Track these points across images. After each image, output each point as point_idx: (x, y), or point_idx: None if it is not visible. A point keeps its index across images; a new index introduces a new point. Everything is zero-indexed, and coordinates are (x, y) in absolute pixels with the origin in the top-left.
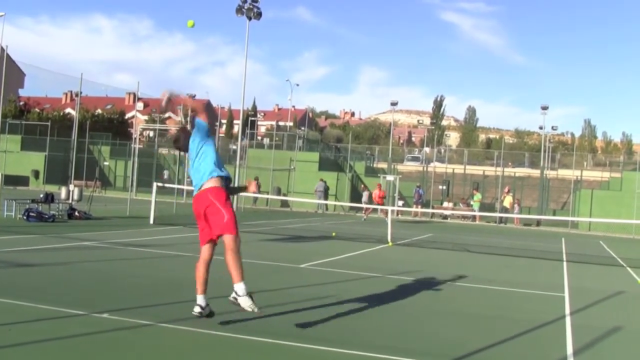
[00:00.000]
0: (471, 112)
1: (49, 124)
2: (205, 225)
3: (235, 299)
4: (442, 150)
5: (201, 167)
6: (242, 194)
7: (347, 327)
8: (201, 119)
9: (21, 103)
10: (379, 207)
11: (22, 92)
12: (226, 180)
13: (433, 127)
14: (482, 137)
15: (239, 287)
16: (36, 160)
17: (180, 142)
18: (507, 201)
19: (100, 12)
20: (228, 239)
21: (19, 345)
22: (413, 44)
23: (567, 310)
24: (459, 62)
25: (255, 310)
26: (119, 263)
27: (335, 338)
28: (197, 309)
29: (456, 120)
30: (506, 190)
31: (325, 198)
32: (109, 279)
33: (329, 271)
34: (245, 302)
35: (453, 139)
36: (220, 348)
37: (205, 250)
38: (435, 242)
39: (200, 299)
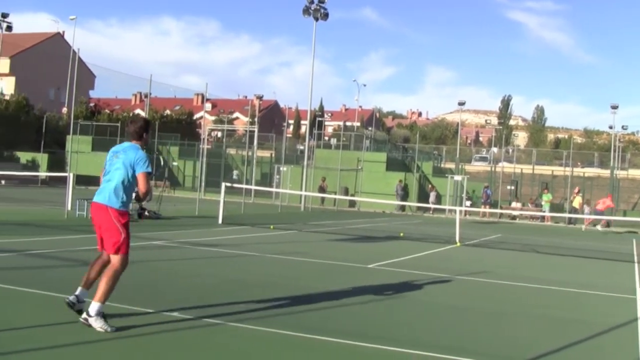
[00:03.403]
0: (539, 111)
1: (119, 124)
2: None
3: (86, 319)
4: (510, 150)
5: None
6: (310, 194)
7: (414, 328)
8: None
9: (92, 104)
10: (602, 217)
11: (93, 94)
12: None
13: (501, 127)
14: (551, 136)
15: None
16: None
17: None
18: (577, 202)
19: (168, 15)
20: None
21: (89, 343)
22: (479, 44)
23: (639, 313)
24: (526, 61)
25: (108, 330)
26: (188, 262)
27: (402, 338)
28: (71, 298)
29: (524, 120)
30: (576, 190)
31: (405, 199)
32: (179, 278)
33: (397, 271)
34: (96, 323)
35: (521, 138)
36: (289, 347)
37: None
38: (503, 242)
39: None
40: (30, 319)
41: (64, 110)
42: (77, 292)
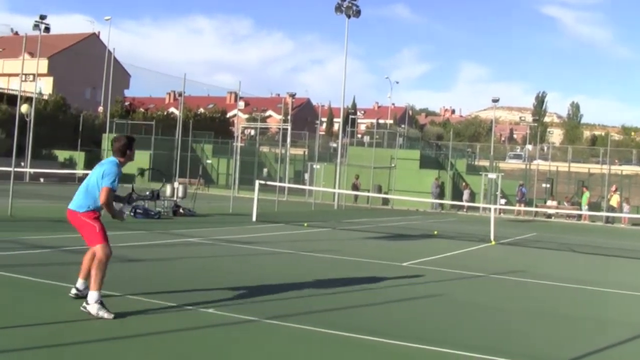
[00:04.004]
0: (575, 108)
1: (153, 123)
2: None
3: (85, 307)
4: (545, 148)
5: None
6: (342, 191)
7: (450, 327)
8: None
9: (127, 103)
10: None
11: (128, 93)
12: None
13: (535, 124)
14: (587, 133)
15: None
16: (141, 158)
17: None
18: (615, 200)
19: (201, 13)
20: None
21: (127, 338)
22: (513, 39)
23: None
24: (561, 56)
25: (105, 316)
26: (223, 259)
27: (438, 337)
28: (73, 291)
29: (559, 117)
30: (613, 188)
31: (442, 197)
32: (214, 275)
33: (431, 270)
34: (93, 309)
35: (556, 135)
36: (324, 344)
37: None
38: (539, 241)
39: (80, 283)
40: (63, 314)
41: (100, 109)
42: (77, 284)
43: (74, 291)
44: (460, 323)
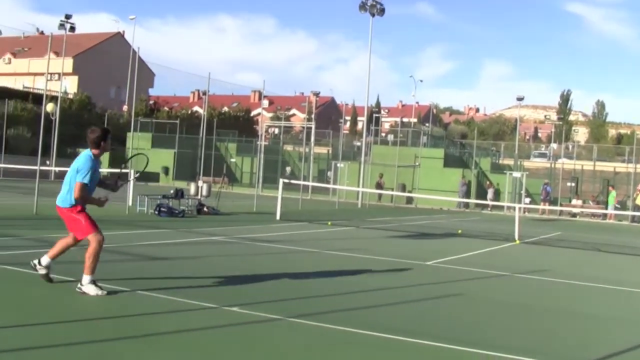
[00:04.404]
0: (600, 106)
1: (177, 122)
2: None
3: (80, 288)
4: (570, 146)
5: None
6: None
7: (474, 326)
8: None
9: (151, 102)
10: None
11: (152, 92)
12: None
13: (560, 123)
14: (612, 132)
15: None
16: (166, 157)
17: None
18: None
19: (225, 12)
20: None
21: (151, 335)
22: (538, 37)
23: None
24: (587, 54)
25: (99, 293)
26: (247, 258)
27: (462, 336)
28: (36, 262)
29: (584, 115)
30: (639, 187)
31: (469, 196)
32: (238, 273)
33: (455, 269)
34: (88, 289)
35: (581, 134)
36: (348, 343)
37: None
38: (563, 240)
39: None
40: (93, 311)
41: (125, 108)
42: (42, 258)
43: (43, 271)
44: (486, 322)
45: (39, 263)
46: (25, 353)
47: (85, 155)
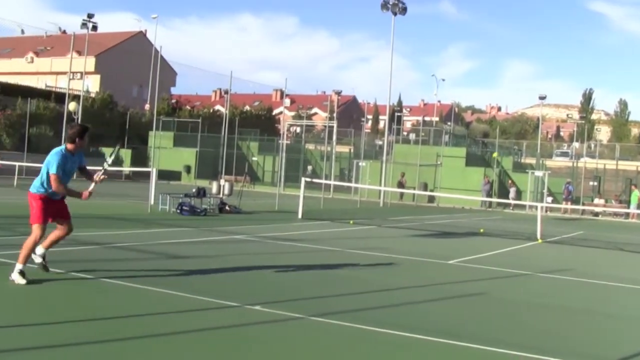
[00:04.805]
0: (622, 105)
1: (199, 120)
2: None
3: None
4: (593, 145)
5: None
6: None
7: (497, 325)
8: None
9: (173, 101)
10: None
11: (174, 91)
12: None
13: (582, 121)
14: (635, 131)
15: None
16: (188, 155)
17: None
18: None
19: (247, 11)
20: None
21: (174, 334)
22: (560, 36)
23: None
24: (609, 53)
25: (22, 282)
26: (269, 256)
27: (485, 336)
28: (39, 260)
29: (607, 114)
30: None
31: (491, 195)
32: (260, 272)
33: (477, 268)
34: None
35: (604, 133)
36: (368, 342)
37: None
38: (586, 239)
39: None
40: (115, 310)
41: (147, 106)
42: (37, 252)
43: (39, 260)
44: (510, 322)
45: (34, 252)
46: (51, 351)
47: (55, 152)
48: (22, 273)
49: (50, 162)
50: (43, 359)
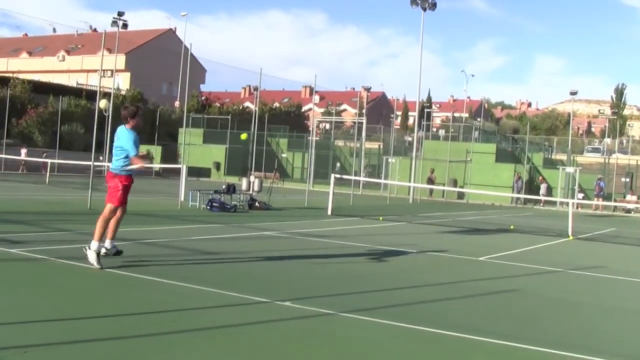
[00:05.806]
0: None
1: (229, 117)
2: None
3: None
4: (625, 141)
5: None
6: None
7: (530, 323)
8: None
9: (203, 98)
10: None
11: (203, 88)
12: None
13: (614, 117)
14: None
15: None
16: (217, 152)
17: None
18: None
19: (276, 8)
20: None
21: (205, 330)
22: (591, 31)
23: None
24: None
25: (95, 265)
26: (299, 252)
27: (516, 333)
28: (103, 250)
29: (639, 109)
30: None
31: (523, 191)
32: (290, 268)
33: (509, 264)
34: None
35: (636, 128)
36: (398, 338)
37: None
38: (618, 236)
39: (108, 243)
40: (151, 305)
41: (177, 104)
42: (106, 244)
43: (103, 250)
44: (543, 319)
45: (106, 249)
46: (89, 345)
47: (124, 133)
48: (99, 256)
49: (127, 145)
50: (77, 353)
